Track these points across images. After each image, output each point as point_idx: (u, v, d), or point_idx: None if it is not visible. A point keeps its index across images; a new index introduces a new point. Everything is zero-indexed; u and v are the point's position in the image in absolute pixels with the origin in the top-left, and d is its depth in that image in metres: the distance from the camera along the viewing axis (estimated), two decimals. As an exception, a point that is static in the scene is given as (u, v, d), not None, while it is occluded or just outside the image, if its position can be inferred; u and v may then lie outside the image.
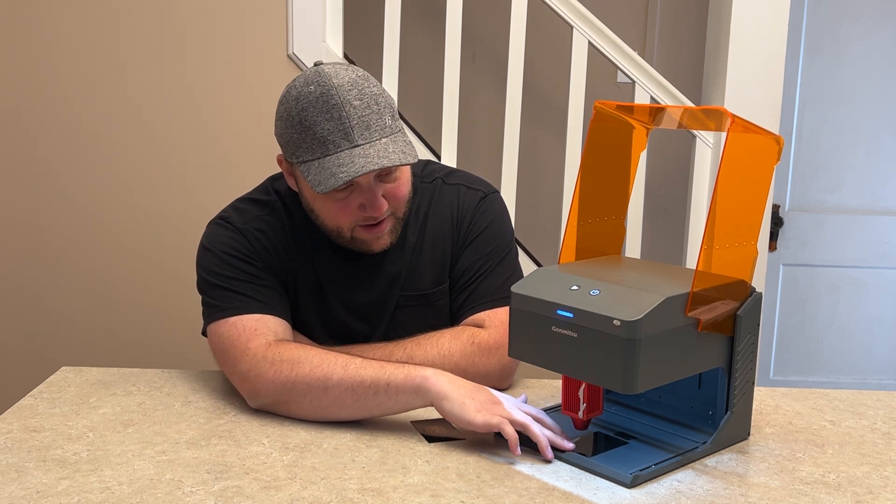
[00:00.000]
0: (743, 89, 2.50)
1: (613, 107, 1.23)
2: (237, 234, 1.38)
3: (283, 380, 1.24)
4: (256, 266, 1.37)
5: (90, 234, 2.43)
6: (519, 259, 1.52)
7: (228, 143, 2.39)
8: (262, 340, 1.29)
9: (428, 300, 1.46)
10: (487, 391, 1.21)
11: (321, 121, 1.26)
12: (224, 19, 2.36)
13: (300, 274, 1.42)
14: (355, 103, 1.27)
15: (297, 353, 1.26)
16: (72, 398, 1.33)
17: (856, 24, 3.00)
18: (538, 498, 1.03)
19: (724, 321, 1.14)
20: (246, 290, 1.35)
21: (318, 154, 1.27)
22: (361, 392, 1.21)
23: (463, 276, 1.46)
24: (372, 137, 1.27)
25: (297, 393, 1.24)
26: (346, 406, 1.23)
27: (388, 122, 1.30)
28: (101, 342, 2.45)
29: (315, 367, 1.23)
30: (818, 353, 3.21)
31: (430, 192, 1.48)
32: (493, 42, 3.00)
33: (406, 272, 1.45)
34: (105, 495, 1.01)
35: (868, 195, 3.11)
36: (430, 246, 1.46)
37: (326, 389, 1.22)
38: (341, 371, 1.22)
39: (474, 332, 1.39)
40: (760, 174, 1.16)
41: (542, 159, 3.01)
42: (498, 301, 1.43)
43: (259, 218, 1.41)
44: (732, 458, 1.16)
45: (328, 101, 1.26)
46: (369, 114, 1.28)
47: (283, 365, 1.25)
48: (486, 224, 1.47)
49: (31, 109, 2.38)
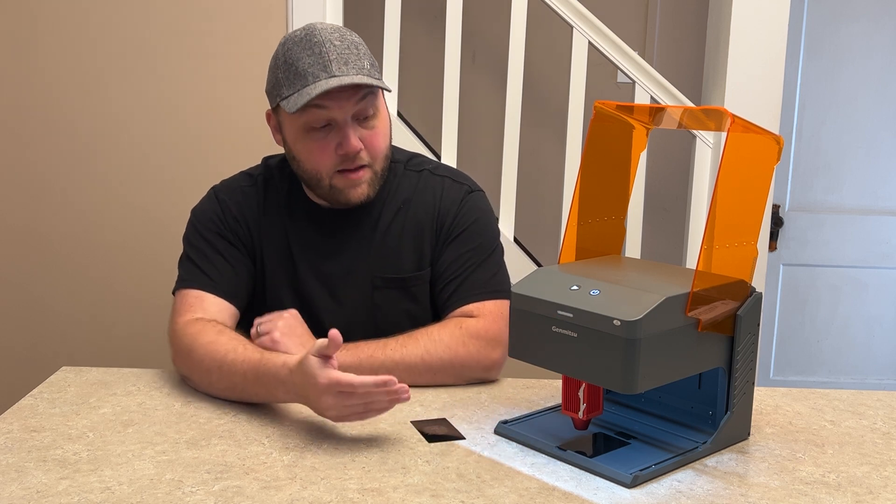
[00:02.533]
0: (743, 89, 2.50)
1: (613, 107, 1.23)
2: (216, 205, 1.49)
3: (182, 360, 1.37)
4: (226, 241, 1.47)
5: (90, 234, 2.43)
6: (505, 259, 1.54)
7: (229, 142, 2.39)
8: (189, 317, 1.40)
9: (405, 284, 1.50)
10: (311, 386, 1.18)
11: (303, 56, 1.34)
12: (224, 19, 2.36)
13: (276, 243, 1.49)
14: (336, 43, 1.35)
15: (196, 337, 1.34)
16: (72, 398, 1.33)
17: (856, 24, 3.00)
18: (538, 498, 1.03)
19: (724, 321, 1.14)
20: (203, 265, 1.45)
21: (299, 86, 1.34)
22: (237, 381, 1.28)
23: (448, 269, 1.48)
24: (350, 72, 1.34)
25: (192, 373, 1.35)
26: (230, 391, 1.31)
27: (366, 66, 1.37)
28: (101, 342, 2.45)
29: (203, 355, 1.32)
30: (818, 353, 3.21)
31: (416, 180, 1.52)
32: (493, 42, 3.00)
33: (381, 253, 1.48)
34: (105, 495, 1.01)
35: (868, 195, 3.11)
36: (410, 232, 1.49)
37: (210, 373, 1.31)
38: (220, 361, 1.30)
39: (461, 320, 1.43)
40: (760, 174, 1.16)
41: (542, 159, 3.01)
42: (487, 294, 1.46)
43: (241, 188, 1.51)
44: (732, 458, 1.16)
45: (311, 39, 1.35)
46: (349, 54, 1.36)
47: (184, 344, 1.36)
48: (473, 219, 1.50)
49: (31, 109, 2.38)
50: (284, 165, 1.52)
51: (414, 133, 2.54)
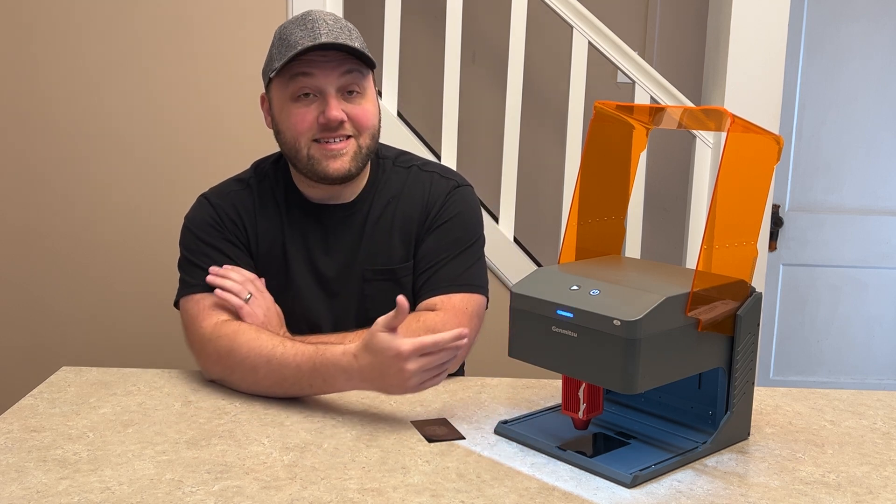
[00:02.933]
0: (743, 89, 2.50)
1: (613, 107, 1.23)
2: (211, 209, 1.49)
3: (221, 359, 1.35)
4: (227, 241, 1.47)
5: (90, 234, 2.43)
6: (485, 253, 1.55)
7: (228, 142, 2.39)
8: (216, 319, 1.38)
9: (395, 275, 1.50)
10: (388, 359, 1.22)
11: (296, 30, 1.38)
12: (224, 20, 2.36)
13: (271, 242, 1.49)
14: (329, 21, 1.39)
15: (235, 337, 1.34)
16: (72, 398, 1.33)
17: (856, 24, 3.00)
18: (538, 498, 1.03)
19: (724, 321, 1.14)
20: (210, 267, 1.43)
21: (286, 54, 1.38)
22: (288, 375, 1.29)
23: (424, 260, 1.50)
24: (337, 42, 1.37)
25: (233, 373, 1.34)
26: (278, 386, 1.31)
27: (355, 43, 1.40)
28: (101, 342, 2.45)
29: (247, 353, 1.32)
30: (818, 353, 3.21)
31: (405, 176, 1.54)
32: (493, 42, 3.00)
33: (371, 246, 1.49)
34: (105, 495, 1.01)
35: (868, 195, 3.10)
36: (399, 226, 1.50)
37: (256, 371, 1.31)
38: (267, 357, 1.30)
39: (421, 314, 1.43)
40: (760, 174, 1.16)
41: (542, 159, 3.01)
42: (454, 287, 1.46)
43: (233, 193, 1.51)
44: (732, 458, 1.16)
45: (305, 17, 1.40)
46: (339, 30, 1.39)
47: (222, 344, 1.35)
48: (454, 212, 1.51)
49: (31, 110, 2.38)
50: (278, 163, 1.53)
51: (414, 133, 2.54)
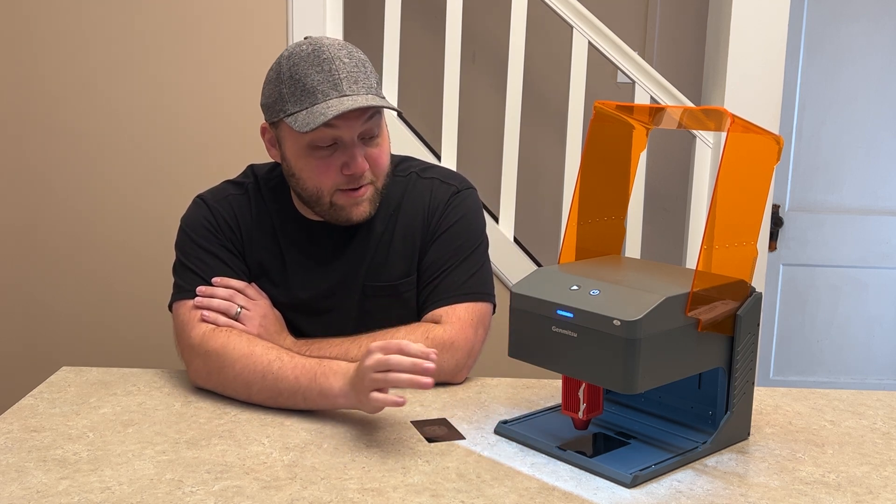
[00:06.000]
0: (743, 89, 2.50)
1: (613, 107, 1.23)
2: (207, 212, 1.45)
3: (211, 374, 1.34)
4: (222, 246, 1.44)
5: (90, 234, 2.43)
6: (489, 255, 1.52)
7: (228, 142, 2.39)
8: (203, 329, 1.36)
9: (396, 291, 1.48)
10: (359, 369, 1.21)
11: (312, 73, 1.32)
12: (224, 20, 2.36)
13: (265, 254, 1.46)
14: (345, 60, 1.33)
15: (225, 352, 1.32)
16: (72, 398, 1.33)
17: (856, 24, 3.00)
18: (538, 498, 1.03)
19: (724, 321, 1.14)
20: (204, 272, 1.42)
21: (307, 104, 1.32)
22: (282, 392, 1.28)
23: (428, 271, 1.47)
24: (360, 91, 1.33)
25: (225, 389, 1.33)
26: (272, 401, 1.29)
27: (374, 84, 1.36)
28: (101, 342, 2.45)
29: (242, 368, 1.30)
30: (818, 353, 3.21)
31: (404, 185, 1.50)
32: (493, 42, 3.00)
33: (373, 262, 1.47)
34: (105, 495, 1.01)
35: (868, 195, 3.11)
36: (400, 238, 1.48)
37: (250, 386, 1.30)
38: (262, 372, 1.29)
39: (429, 328, 1.40)
40: (760, 174, 1.16)
41: (542, 159, 3.01)
42: (458, 297, 1.44)
43: (231, 197, 1.48)
44: (732, 458, 1.16)
45: (319, 56, 1.32)
46: (358, 72, 1.34)
47: (211, 360, 1.33)
48: (456, 219, 1.48)
49: (31, 110, 2.38)
50: (271, 176, 1.49)
51: (414, 133, 2.54)
